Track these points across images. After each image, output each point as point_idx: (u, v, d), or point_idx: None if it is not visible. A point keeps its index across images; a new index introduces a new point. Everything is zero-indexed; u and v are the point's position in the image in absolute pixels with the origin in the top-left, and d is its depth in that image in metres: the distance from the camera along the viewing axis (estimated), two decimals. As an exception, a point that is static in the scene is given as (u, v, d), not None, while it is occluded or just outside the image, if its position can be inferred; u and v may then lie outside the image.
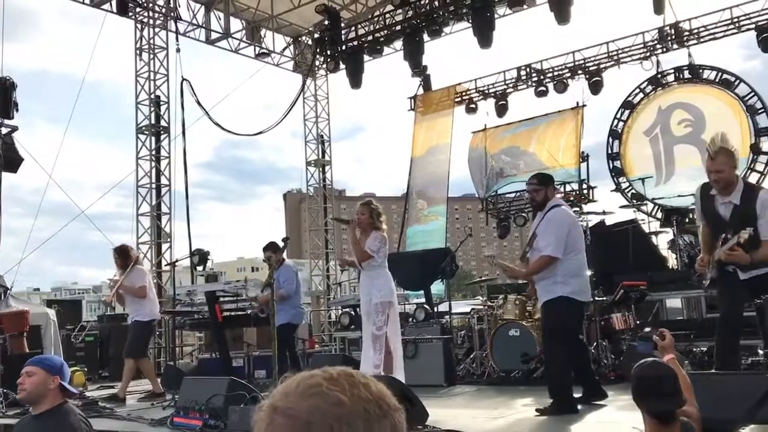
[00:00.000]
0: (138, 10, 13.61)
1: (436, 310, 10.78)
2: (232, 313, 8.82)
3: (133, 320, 8.44)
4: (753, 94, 12.85)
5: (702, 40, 13.21)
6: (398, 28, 13.46)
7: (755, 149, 12.54)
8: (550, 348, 5.71)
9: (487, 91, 15.57)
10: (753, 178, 12.19)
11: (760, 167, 12.52)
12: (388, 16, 13.90)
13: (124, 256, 8.38)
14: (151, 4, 13.77)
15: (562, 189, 13.49)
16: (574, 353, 5.70)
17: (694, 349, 7.93)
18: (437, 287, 12.10)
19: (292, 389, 1.00)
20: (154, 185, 13.60)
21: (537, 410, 5.60)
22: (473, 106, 15.67)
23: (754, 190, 4.89)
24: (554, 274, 5.52)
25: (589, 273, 7.93)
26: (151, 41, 13.84)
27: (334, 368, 1.04)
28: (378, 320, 5.95)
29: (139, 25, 13.82)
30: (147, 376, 8.60)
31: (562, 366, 5.56)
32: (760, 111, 12.73)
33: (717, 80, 13.29)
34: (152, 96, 13.71)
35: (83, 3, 12.98)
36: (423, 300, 11.56)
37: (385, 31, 13.72)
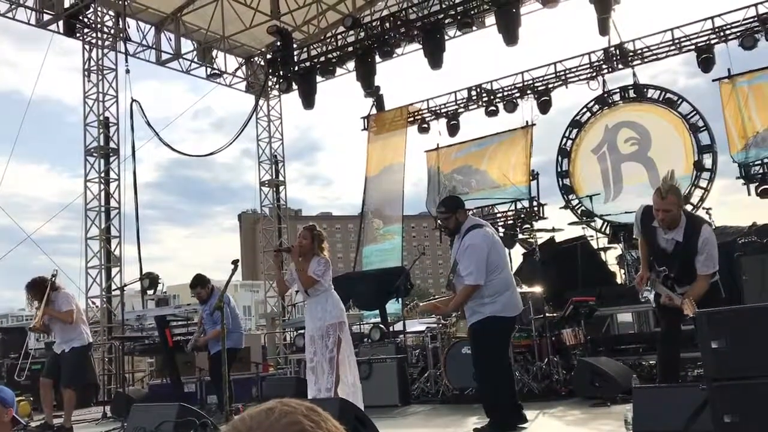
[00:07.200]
0: (86, 31, 13.43)
1: (391, 329, 10.80)
2: (183, 338, 8.69)
3: (70, 348, 7.66)
4: (695, 112, 13.27)
5: (646, 60, 13.63)
6: (350, 49, 13.57)
7: (698, 166, 12.95)
8: (483, 367, 5.64)
9: (438, 111, 15.74)
10: (697, 194, 12.62)
11: (703, 183, 12.91)
12: (340, 37, 14.01)
13: (37, 288, 7.61)
14: (99, 25, 13.61)
15: (513, 207, 13.70)
16: (507, 370, 5.72)
17: (643, 363, 8.11)
18: (394, 306, 12.11)
19: (269, 424, 0.96)
20: (103, 208, 13.35)
21: (475, 429, 5.58)
22: (425, 125, 15.83)
23: (695, 226, 4.95)
24: (481, 295, 5.49)
25: (538, 290, 8.09)
26: (100, 62, 13.64)
27: (299, 402, 1.00)
28: (330, 343, 5.89)
29: (87, 46, 13.63)
30: (66, 407, 7.77)
31: (496, 384, 5.56)
32: (702, 129, 13.14)
33: (660, 99, 13.69)
34: (101, 117, 13.50)
35: (28, 23, 12.76)
36: (378, 320, 11.57)
37: (338, 52, 13.81)
